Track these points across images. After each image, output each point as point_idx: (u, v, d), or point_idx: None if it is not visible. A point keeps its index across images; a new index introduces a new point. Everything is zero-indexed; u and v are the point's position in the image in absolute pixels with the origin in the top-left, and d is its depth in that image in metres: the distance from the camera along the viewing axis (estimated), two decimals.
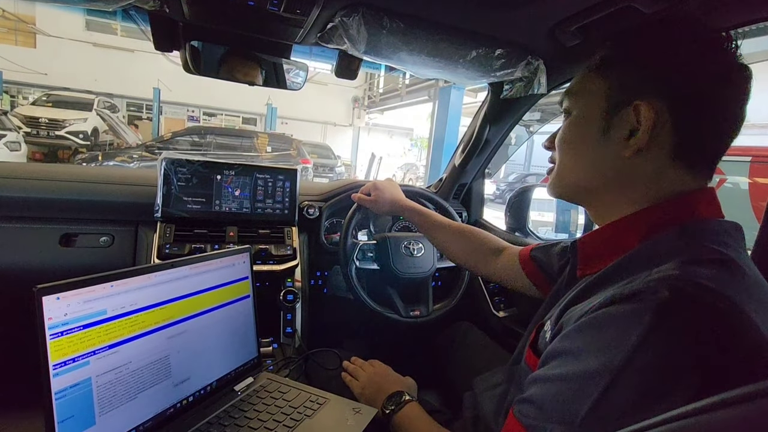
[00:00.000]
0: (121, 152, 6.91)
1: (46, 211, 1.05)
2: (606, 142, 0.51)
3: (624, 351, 0.37)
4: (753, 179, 2.58)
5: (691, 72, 0.47)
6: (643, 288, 0.40)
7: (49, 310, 0.48)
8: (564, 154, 0.57)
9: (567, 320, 0.47)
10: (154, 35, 0.94)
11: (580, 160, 0.55)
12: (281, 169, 1.22)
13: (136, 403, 0.58)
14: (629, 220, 0.51)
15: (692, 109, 0.47)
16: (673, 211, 0.48)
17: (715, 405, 0.26)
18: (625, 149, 0.49)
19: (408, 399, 0.75)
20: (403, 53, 0.91)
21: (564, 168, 0.57)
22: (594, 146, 0.52)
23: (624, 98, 0.49)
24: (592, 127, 0.53)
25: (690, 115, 0.47)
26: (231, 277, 0.78)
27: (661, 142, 0.48)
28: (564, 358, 0.43)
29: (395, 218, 1.44)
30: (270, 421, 0.68)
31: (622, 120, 0.49)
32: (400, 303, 1.17)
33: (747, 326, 0.37)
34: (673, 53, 0.48)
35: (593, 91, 0.53)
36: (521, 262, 0.84)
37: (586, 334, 0.42)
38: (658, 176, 0.49)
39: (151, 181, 1.12)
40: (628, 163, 0.50)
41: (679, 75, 0.47)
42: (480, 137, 1.31)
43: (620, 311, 0.40)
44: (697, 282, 0.38)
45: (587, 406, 0.38)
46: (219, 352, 0.74)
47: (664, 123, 0.47)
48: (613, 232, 0.53)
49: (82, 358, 0.52)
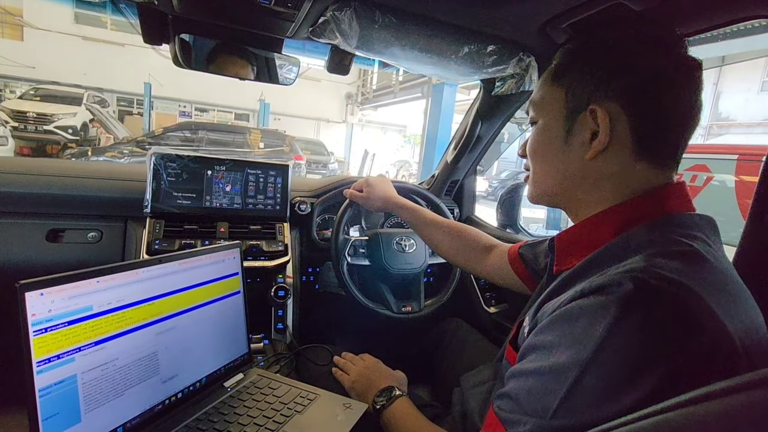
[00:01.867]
0: (111, 148, 6.82)
1: (32, 206, 1.04)
2: (569, 147, 0.53)
3: (591, 344, 0.39)
4: (739, 177, 2.62)
5: (635, 71, 0.48)
6: (609, 281, 0.41)
7: (32, 306, 0.48)
8: (534, 163, 0.59)
9: (541, 315, 0.48)
10: (143, 28, 0.93)
11: (548, 167, 0.56)
12: (273, 164, 1.21)
13: (124, 400, 0.58)
14: (601, 217, 0.52)
15: (644, 106, 0.48)
16: (644, 207, 0.49)
17: (699, 398, 0.26)
18: (587, 152, 0.51)
19: (398, 394, 0.75)
20: (395, 48, 0.91)
21: (536, 176, 0.59)
22: (559, 153, 0.54)
23: (580, 104, 0.51)
24: (554, 134, 0.55)
25: (644, 113, 0.48)
26: (221, 273, 0.77)
27: (621, 141, 0.49)
28: (538, 353, 0.44)
29: (387, 214, 1.44)
30: (260, 417, 0.68)
31: (581, 125, 0.51)
32: (391, 299, 1.17)
33: (708, 317, 0.38)
34: (617, 55, 0.50)
35: (552, 99, 0.55)
36: (510, 259, 0.85)
37: (557, 327, 0.43)
38: (624, 174, 0.50)
39: (140, 176, 1.11)
40: (593, 165, 0.51)
41: (625, 76, 0.49)
42: (472, 134, 1.31)
43: (587, 304, 0.41)
44: (661, 274, 0.39)
45: (558, 399, 0.39)
46: (209, 349, 0.73)
47: (620, 123, 0.49)
48: (587, 229, 0.54)
49: (67, 354, 0.51)
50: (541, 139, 0.57)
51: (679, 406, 0.26)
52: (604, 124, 0.49)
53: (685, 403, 0.26)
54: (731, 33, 5.49)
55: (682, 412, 0.26)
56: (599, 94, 0.50)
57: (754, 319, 0.43)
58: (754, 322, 0.43)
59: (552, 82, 0.55)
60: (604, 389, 0.37)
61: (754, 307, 0.45)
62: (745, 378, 0.25)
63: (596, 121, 0.49)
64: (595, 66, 0.51)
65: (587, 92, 0.51)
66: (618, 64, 0.49)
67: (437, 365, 1.08)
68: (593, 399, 0.38)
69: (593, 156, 0.50)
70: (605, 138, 0.49)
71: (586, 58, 0.52)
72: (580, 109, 0.51)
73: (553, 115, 0.55)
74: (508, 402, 0.45)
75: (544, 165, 0.57)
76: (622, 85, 0.49)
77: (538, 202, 0.61)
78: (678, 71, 0.48)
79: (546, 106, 0.56)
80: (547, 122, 0.56)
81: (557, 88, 0.54)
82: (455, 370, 0.98)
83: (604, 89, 0.49)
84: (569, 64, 0.54)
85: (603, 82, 0.49)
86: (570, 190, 0.55)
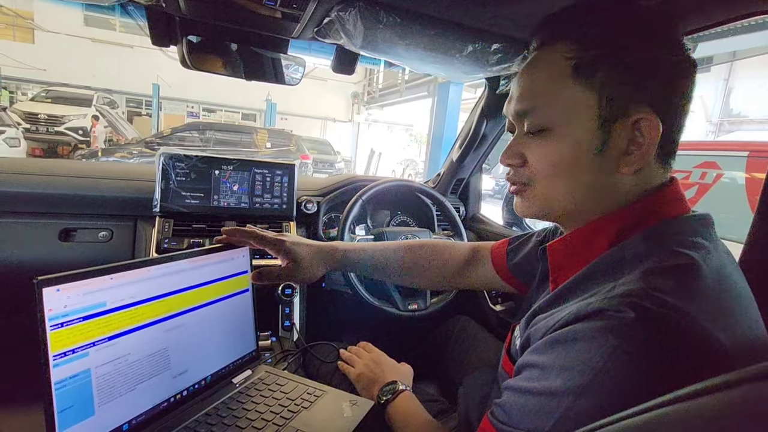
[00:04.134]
0: (121, 148, 6.90)
1: (45, 206, 1.06)
2: (602, 162, 0.46)
3: (587, 373, 0.38)
4: (750, 174, 2.58)
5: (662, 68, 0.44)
6: (607, 306, 0.39)
7: (49, 301, 0.49)
8: (551, 178, 0.49)
9: (534, 331, 0.46)
10: (151, 30, 0.94)
11: (572, 184, 0.48)
12: (279, 164, 1.23)
13: (135, 394, 0.59)
14: (594, 226, 0.48)
15: (677, 112, 0.45)
16: (639, 213, 0.46)
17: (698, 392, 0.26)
18: (625, 165, 0.45)
19: (402, 389, 0.76)
20: (399, 48, 0.92)
21: (551, 193, 0.50)
22: (589, 168, 0.46)
23: (617, 110, 0.44)
24: (584, 145, 0.46)
25: (675, 118, 0.45)
26: (230, 271, 0.78)
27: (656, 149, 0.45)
28: (531, 372, 0.43)
29: (393, 213, 1.44)
30: (267, 412, 0.69)
31: (619, 135, 0.45)
32: (397, 297, 1.18)
33: (709, 344, 0.37)
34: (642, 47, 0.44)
35: (577, 103, 0.46)
36: (495, 265, 0.80)
37: (552, 351, 0.42)
38: (645, 182, 0.47)
39: (149, 176, 1.13)
40: (622, 179, 0.46)
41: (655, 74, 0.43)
42: (477, 132, 1.31)
43: (584, 330, 0.39)
44: (660, 299, 0.37)
45: (551, 423, 0.39)
46: (217, 345, 0.75)
47: (657, 131, 0.44)
48: (581, 240, 0.50)
49: (82, 349, 0.52)
50: (564, 151, 0.47)
51: (676, 401, 0.27)
52: (650, 137, 0.43)
53: (682, 398, 0.27)
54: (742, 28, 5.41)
55: (677, 408, 0.27)
56: (637, 98, 0.43)
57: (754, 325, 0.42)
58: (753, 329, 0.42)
59: (575, 80, 0.45)
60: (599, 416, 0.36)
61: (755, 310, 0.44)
62: (741, 374, 0.25)
63: (640, 132, 0.43)
64: (626, 65, 0.43)
65: (624, 96, 0.43)
66: (647, 64, 0.43)
67: (444, 362, 1.09)
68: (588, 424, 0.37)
69: (632, 171, 0.45)
70: (651, 151, 0.44)
71: (614, 55, 0.44)
72: (618, 116, 0.44)
73: (582, 123, 0.46)
74: (502, 413, 0.45)
75: (564, 182, 0.48)
76: (654, 85, 0.43)
77: (535, 218, 0.55)
78: (686, 65, 0.45)
79: (568, 111, 0.46)
80: (572, 130, 0.46)
81: (585, 89, 0.45)
82: (462, 368, 0.99)
83: (641, 94, 0.43)
84: (598, 58, 0.44)
85: (638, 85, 0.43)
86: (582, 207, 0.49)
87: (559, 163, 0.48)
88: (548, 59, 0.48)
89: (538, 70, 0.49)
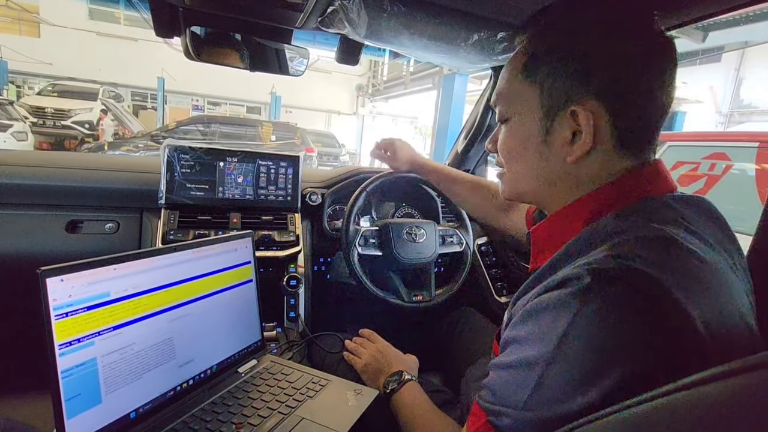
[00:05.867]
0: (127, 142, 6.94)
1: (52, 198, 1.07)
2: (548, 149, 0.50)
3: (554, 339, 0.38)
4: (760, 165, 2.54)
5: (613, 63, 0.45)
6: (570, 275, 0.40)
7: (53, 291, 0.50)
8: (509, 162, 0.56)
9: (514, 311, 0.48)
10: (155, 21, 0.94)
11: (526, 169, 0.53)
12: (284, 155, 1.22)
13: (141, 382, 0.60)
14: (573, 207, 0.50)
15: (625, 101, 0.46)
16: (615, 193, 0.47)
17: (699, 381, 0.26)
18: (568, 154, 0.48)
19: (407, 378, 0.76)
20: (404, 37, 0.91)
21: (512, 176, 0.56)
22: (537, 154, 0.51)
23: (557, 103, 0.48)
24: (531, 134, 0.51)
25: (625, 108, 0.46)
26: (234, 261, 0.78)
27: (603, 140, 0.47)
28: (511, 347, 0.44)
29: (398, 204, 1.44)
30: (273, 401, 0.69)
31: (560, 125, 0.48)
32: (402, 288, 1.18)
33: (670, 305, 0.36)
34: (591, 44, 0.46)
35: (524, 96, 0.51)
36: (527, 221, 0.86)
37: (526, 323, 0.43)
38: (605, 169, 0.48)
39: (155, 168, 1.13)
40: (575, 167, 0.49)
41: (604, 70, 0.45)
42: (482, 123, 1.30)
43: (551, 299, 0.41)
44: (621, 264, 0.38)
45: (527, 393, 0.40)
46: (223, 335, 0.75)
47: (602, 121, 0.46)
48: (559, 223, 0.52)
49: (87, 338, 0.53)
50: (516, 139, 0.53)
51: (678, 390, 0.27)
52: (587, 126, 0.46)
53: (684, 387, 0.26)
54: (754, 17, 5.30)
55: (679, 396, 0.26)
56: (578, 90, 0.46)
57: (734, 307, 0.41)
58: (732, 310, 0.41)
59: (523, 77, 0.51)
60: (569, 382, 0.37)
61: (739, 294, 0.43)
62: (742, 363, 0.25)
63: (577, 122, 0.46)
64: (570, 59, 0.47)
65: (564, 89, 0.47)
66: (594, 57, 0.46)
67: (449, 354, 1.09)
68: (560, 392, 0.37)
69: (575, 159, 0.48)
70: (589, 140, 0.46)
71: (558, 50, 0.48)
72: (559, 108, 0.48)
73: (528, 113, 0.51)
74: (487, 392, 0.46)
75: (520, 166, 0.54)
76: (601, 80, 0.45)
77: (513, 200, 0.62)
78: (653, 53, 0.45)
79: (518, 102, 0.52)
80: (522, 120, 0.52)
81: (529, 84, 0.50)
82: (466, 359, 0.99)
83: (584, 86, 0.46)
84: (541, 57, 0.49)
85: (581, 78, 0.46)
86: (549, 190, 0.53)
87: (513, 149, 0.54)
88: (515, 56, 0.53)
89: (507, 65, 0.54)
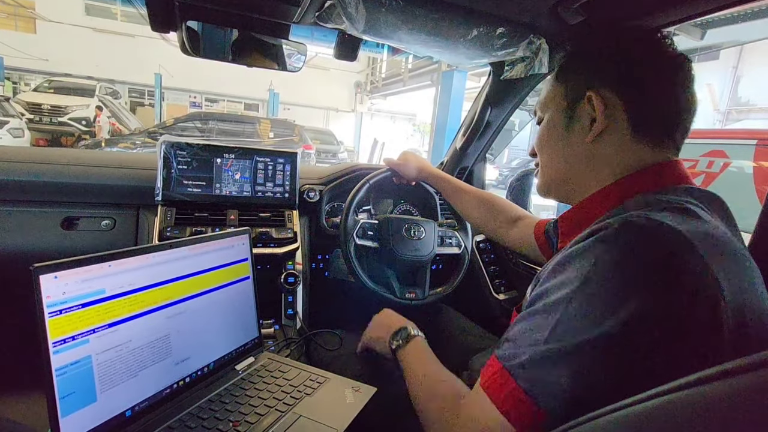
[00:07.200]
0: (124, 139, 6.90)
1: (48, 195, 1.06)
2: (570, 134, 0.58)
3: (578, 280, 0.42)
4: (758, 163, 2.54)
5: (625, 62, 0.55)
6: (599, 227, 0.44)
7: (46, 288, 0.49)
8: (542, 155, 0.64)
9: (541, 272, 0.52)
10: (151, 16, 0.92)
11: (553, 155, 0.62)
12: (281, 152, 1.22)
13: (138, 380, 0.59)
14: (599, 194, 0.56)
15: (636, 92, 0.53)
16: (641, 182, 0.52)
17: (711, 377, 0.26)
18: (587, 136, 0.56)
19: (414, 334, 0.76)
20: (402, 32, 0.90)
21: (544, 166, 0.64)
22: (562, 141, 0.60)
23: (578, 95, 0.57)
24: (557, 125, 0.60)
25: (636, 98, 0.53)
26: (230, 258, 0.78)
27: (618, 123, 0.54)
28: (537, 302, 0.47)
29: (396, 202, 1.43)
30: (270, 398, 0.69)
31: (581, 113, 0.57)
32: (396, 284, 1.17)
33: (694, 260, 0.39)
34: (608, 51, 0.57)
35: (554, 96, 0.61)
36: (536, 234, 0.90)
37: (553, 275, 0.47)
38: (621, 153, 0.54)
39: (151, 164, 1.12)
40: (594, 148, 0.56)
41: (616, 66, 0.55)
42: (481, 119, 1.29)
43: (579, 249, 0.45)
44: (651, 217, 0.42)
45: (548, 331, 0.43)
46: (220, 332, 0.75)
47: (616, 108, 0.54)
48: (586, 208, 0.57)
49: (82, 336, 0.52)
50: (546, 132, 0.62)
51: (683, 388, 0.26)
52: (600, 108, 0.54)
53: (687, 385, 0.26)
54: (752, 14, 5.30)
55: (682, 394, 0.26)
56: (594, 82, 0.55)
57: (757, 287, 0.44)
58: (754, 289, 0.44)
59: (554, 81, 0.62)
60: (587, 315, 0.41)
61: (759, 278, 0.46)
62: (751, 359, 0.25)
63: (593, 107, 0.54)
64: (590, 60, 0.58)
65: (583, 82, 0.56)
66: (608, 58, 0.56)
67: (443, 351, 1.09)
68: (578, 324, 0.41)
69: (593, 138, 0.55)
70: (602, 119, 0.54)
71: (582, 56, 0.60)
72: (579, 98, 0.56)
73: (556, 108, 0.61)
74: (507, 344, 0.48)
75: (550, 154, 0.62)
76: (614, 73, 0.54)
77: (547, 191, 0.65)
78: (662, 62, 0.54)
79: (549, 102, 0.62)
80: (551, 116, 0.61)
81: (558, 85, 0.61)
82: (461, 357, 0.99)
83: (599, 78, 0.55)
84: (568, 64, 0.61)
85: (597, 72, 0.56)
86: (574, 174, 0.59)
87: (544, 140, 0.63)
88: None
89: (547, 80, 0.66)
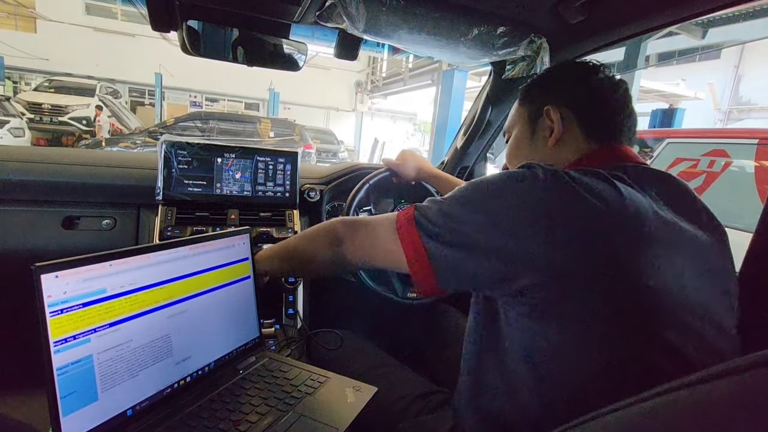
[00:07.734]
0: (124, 138, 6.90)
1: (48, 194, 1.06)
2: (535, 142, 0.71)
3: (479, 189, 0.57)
4: (759, 162, 2.53)
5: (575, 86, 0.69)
6: None
7: (48, 288, 0.49)
8: (512, 162, 0.75)
9: None
10: (151, 15, 0.93)
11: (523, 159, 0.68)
12: (282, 151, 1.22)
13: (139, 380, 0.59)
14: None
15: (583, 103, 0.67)
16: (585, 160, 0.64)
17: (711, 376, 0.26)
18: (550, 141, 0.68)
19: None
20: (402, 32, 0.90)
21: None
22: (529, 149, 0.72)
23: (538, 111, 0.70)
24: (525, 138, 0.73)
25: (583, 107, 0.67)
26: (231, 257, 0.78)
27: (573, 129, 0.67)
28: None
29: (397, 201, 1.43)
30: (271, 398, 0.69)
31: (542, 125, 0.70)
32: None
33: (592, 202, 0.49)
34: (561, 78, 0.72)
35: (519, 116, 0.75)
36: None
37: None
38: (578, 151, 0.66)
39: (152, 164, 1.12)
40: (555, 150, 0.68)
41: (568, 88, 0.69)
42: (482, 119, 1.29)
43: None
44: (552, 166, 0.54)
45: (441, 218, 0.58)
46: (220, 332, 0.75)
47: (569, 116, 0.67)
48: None
49: (83, 335, 0.52)
50: (516, 145, 0.75)
51: (683, 387, 0.26)
52: (557, 118, 0.67)
53: (689, 384, 0.26)
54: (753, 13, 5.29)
55: (684, 393, 0.26)
56: (551, 99, 0.69)
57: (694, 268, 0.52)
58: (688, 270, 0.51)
59: (518, 106, 0.76)
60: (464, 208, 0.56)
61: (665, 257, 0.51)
62: (752, 359, 0.25)
63: (552, 119, 0.68)
64: (546, 86, 0.73)
65: (542, 103, 0.70)
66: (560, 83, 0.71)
67: (438, 352, 1.09)
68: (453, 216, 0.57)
69: (554, 142, 0.68)
70: (559, 127, 0.67)
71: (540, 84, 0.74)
72: (539, 114, 0.70)
73: (522, 125, 0.74)
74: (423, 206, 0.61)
75: (519, 161, 0.71)
76: (565, 93, 0.69)
77: None
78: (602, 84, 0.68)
79: (516, 122, 0.76)
80: (518, 132, 0.75)
81: (522, 107, 0.75)
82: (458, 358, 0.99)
83: (554, 97, 0.69)
84: (529, 91, 0.74)
85: (552, 93, 0.70)
86: None
87: (513, 153, 0.76)
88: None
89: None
